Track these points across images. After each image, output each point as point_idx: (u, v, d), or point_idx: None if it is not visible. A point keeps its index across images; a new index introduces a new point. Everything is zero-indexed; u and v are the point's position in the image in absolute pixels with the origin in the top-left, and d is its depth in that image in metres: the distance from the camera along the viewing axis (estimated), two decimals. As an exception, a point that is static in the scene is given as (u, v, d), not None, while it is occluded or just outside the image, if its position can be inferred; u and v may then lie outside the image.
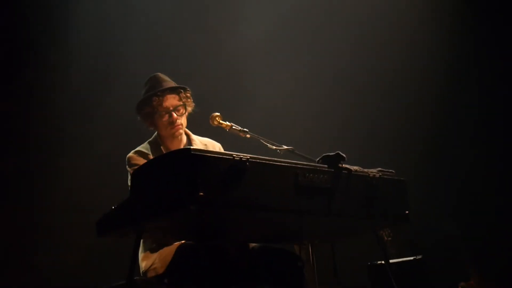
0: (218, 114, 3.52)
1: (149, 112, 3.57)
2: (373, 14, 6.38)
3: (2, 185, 5.31)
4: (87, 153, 5.70)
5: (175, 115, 3.55)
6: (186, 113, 3.63)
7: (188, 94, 3.61)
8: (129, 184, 3.29)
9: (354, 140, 5.98)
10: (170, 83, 3.63)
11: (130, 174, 3.41)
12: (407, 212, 3.00)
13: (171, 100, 3.56)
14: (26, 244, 5.29)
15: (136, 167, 3.30)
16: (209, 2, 6.44)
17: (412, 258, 4.69)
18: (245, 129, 3.45)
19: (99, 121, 5.82)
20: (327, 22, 6.45)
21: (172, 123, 3.55)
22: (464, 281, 5.18)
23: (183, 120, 3.61)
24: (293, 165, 2.61)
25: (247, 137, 3.43)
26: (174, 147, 3.57)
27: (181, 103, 3.58)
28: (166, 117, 3.54)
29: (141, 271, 3.36)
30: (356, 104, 6.40)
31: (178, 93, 3.58)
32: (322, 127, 6.19)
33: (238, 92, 6.14)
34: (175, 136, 3.60)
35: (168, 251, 3.20)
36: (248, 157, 2.43)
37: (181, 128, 3.60)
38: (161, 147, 3.58)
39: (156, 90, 3.56)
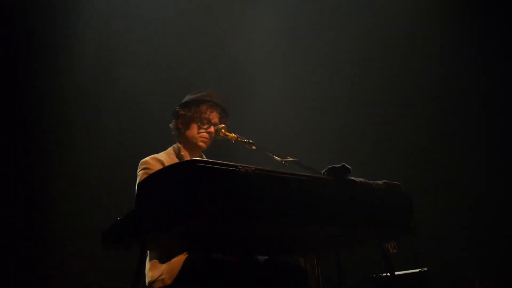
0: (223, 125, 3.59)
1: (194, 112, 3.67)
2: (375, 17, 6.40)
3: (7, 192, 5.31)
4: (92, 159, 5.72)
5: (213, 129, 3.66)
6: (213, 137, 3.72)
7: (224, 125, 3.64)
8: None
9: (359, 152, 5.99)
10: (221, 103, 3.76)
11: (138, 177, 3.43)
12: (412, 224, 2.99)
13: (215, 117, 3.70)
14: (31, 252, 5.28)
15: (148, 170, 3.38)
16: (212, 4, 6.47)
17: (417, 270, 4.66)
18: (250, 141, 3.46)
19: (105, 128, 5.84)
20: (331, 25, 6.48)
21: (207, 133, 3.67)
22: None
23: (209, 139, 3.71)
24: (299, 177, 2.60)
25: (252, 149, 3.43)
26: None
27: (218, 126, 3.65)
28: (206, 126, 3.67)
29: (146, 281, 3.34)
30: (363, 115, 6.41)
31: (222, 116, 3.72)
32: (327, 137, 6.20)
33: (241, 96, 6.14)
34: (198, 146, 3.68)
35: (177, 263, 3.19)
36: (254, 168, 2.43)
37: (207, 142, 3.70)
38: (182, 154, 3.64)
39: (211, 100, 3.70)
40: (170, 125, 3.80)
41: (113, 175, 5.50)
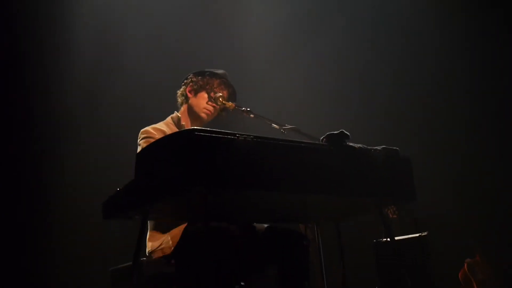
0: (221, 94, 3.58)
1: (206, 83, 3.69)
2: (383, 6, 6.37)
3: (8, 174, 5.32)
4: (93, 140, 5.73)
5: (217, 104, 3.65)
6: (216, 113, 3.75)
7: (232, 108, 3.62)
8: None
9: (357, 118, 5.99)
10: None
11: (139, 147, 3.44)
12: (412, 189, 2.99)
13: (224, 95, 3.68)
14: (34, 227, 5.32)
15: (150, 139, 3.38)
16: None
17: (417, 235, 4.69)
18: (248, 109, 3.45)
19: (104, 108, 5.83)
20: (337, 13, 6.45)
21: (210, 106, 3.67)
22: (469, 258, 5.20)
23: (213, 113, 3.72)
24: (297, 144, 2.60)
25: (250, 117, 3.43)
26: None
27: (217, 94, 3.64)
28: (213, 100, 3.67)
29: (147, 251, 3.37)
30: (360, 84, 6.42)
31: (231, 98, 3.71)
32: (325, 104, 6.21)
33: (247, 83, 6.11)
34: (200, 117, 3.69)
35: (176, 232, 3.21)
36: (252, 136, 2.42)
37: (209, 115, 3.71)
38: (182, 123, 3.66)
39: (226, 79, 3.72)
40: (178, 91, 3.80)
41: (114, 155, 5.51)
